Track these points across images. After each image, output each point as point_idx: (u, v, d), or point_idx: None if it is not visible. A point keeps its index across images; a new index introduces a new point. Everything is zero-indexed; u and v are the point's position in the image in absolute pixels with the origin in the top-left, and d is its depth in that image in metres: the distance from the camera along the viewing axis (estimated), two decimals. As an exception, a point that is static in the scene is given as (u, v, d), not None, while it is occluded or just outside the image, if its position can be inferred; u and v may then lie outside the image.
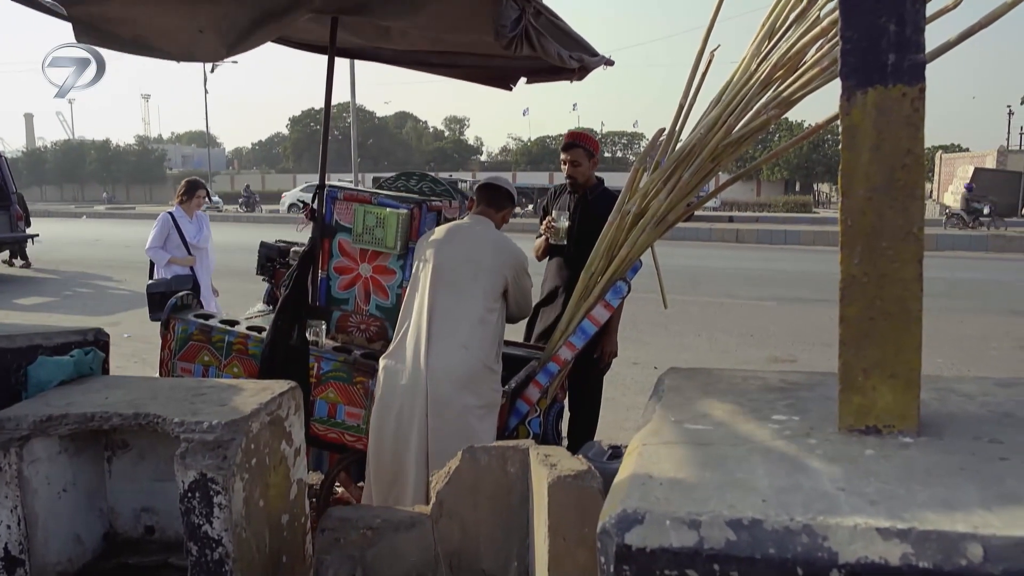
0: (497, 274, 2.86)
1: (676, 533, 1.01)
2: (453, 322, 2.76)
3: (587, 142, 3.76)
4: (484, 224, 3.00)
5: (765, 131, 2.47)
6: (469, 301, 2.79)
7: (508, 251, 2.93)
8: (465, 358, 2.72)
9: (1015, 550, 0.93)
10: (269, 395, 2.03)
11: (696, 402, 1.49)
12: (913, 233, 1.24)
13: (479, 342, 2.75)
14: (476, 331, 2.76)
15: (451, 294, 2.80)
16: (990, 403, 1.46)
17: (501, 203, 3.08)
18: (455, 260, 2.85)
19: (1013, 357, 6.74)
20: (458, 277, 2.83)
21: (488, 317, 2.80)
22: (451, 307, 2.79)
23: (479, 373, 2.73)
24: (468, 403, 2.70)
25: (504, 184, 3.13)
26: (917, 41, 1.23)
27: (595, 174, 3.83)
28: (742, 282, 11.88)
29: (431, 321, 2.76)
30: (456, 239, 2.91)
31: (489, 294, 2.83)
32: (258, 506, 1.93)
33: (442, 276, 2.82)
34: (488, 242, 2.91)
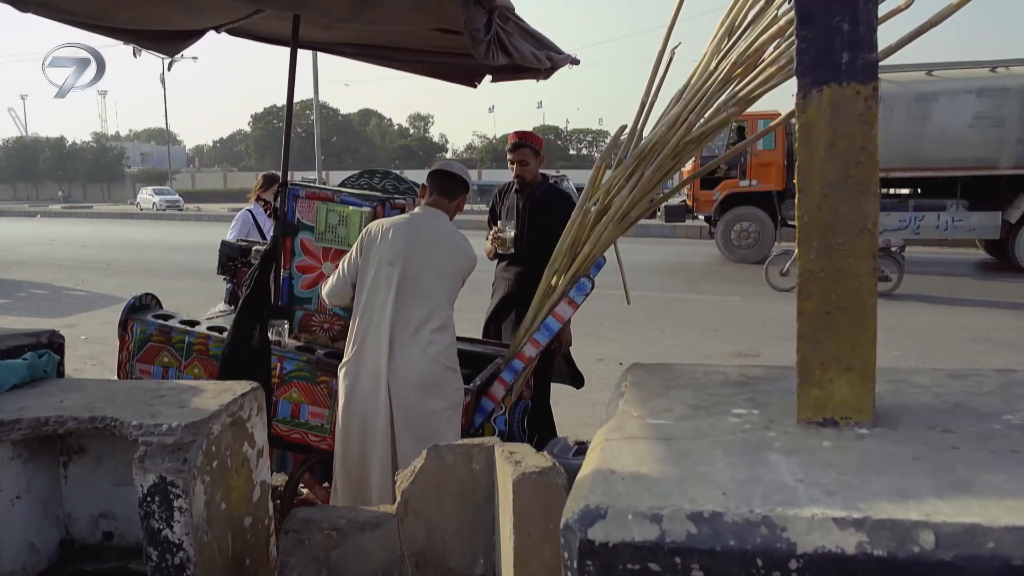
0: (457, 278, 2.84)
1: (638, 527, 1.02)
2: (416, 327, 2.72)
3: (533, 141, 3.86)
4: (441, 219, 2.91)
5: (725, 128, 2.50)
6: (432, 306, 2.75)
7: (468, 255, 2.88)
8: (429, 363, 2.69)
9: (965, 536, 0.96)
10: (231, 396, 2.01)
11: (658, 397, 1.50)
12: (867, 228, 1.27)
13: (441, 346, 2.73)
14: (437, 335, 2.73)
15: (415, 300, 2.75)
16: (943, 394, 1.49)
17: (455, 191, 2.97)
18: (418, 265, 2.77)
19: (966, 349, 6.92)
20: (422, 282, 2.77)
21: (448, 320, 2.78)
22: (414, 312, 2.74)
23: (442, 376, 2.72)
24: (434, 407, 2.69)
25: (457, 170, 3.02)
26: (870, 41, 1.26)
27: (540, 171, 3.91)
28: (706, 277, 12.02)
29: (394, 327, 2.71)
30: (419, 240, 2.80)
31: (450, 298, 2.81)
32: (220, 509, 1.90)
33: (404, 282, 2.74)
34: (450, 245, 2.85)
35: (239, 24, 3.56)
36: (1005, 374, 1.61)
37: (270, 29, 3.74)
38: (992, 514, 0.98)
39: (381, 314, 2.74)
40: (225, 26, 3.58)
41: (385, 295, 2.75)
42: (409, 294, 2.74)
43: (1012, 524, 0.96)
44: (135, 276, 11.61)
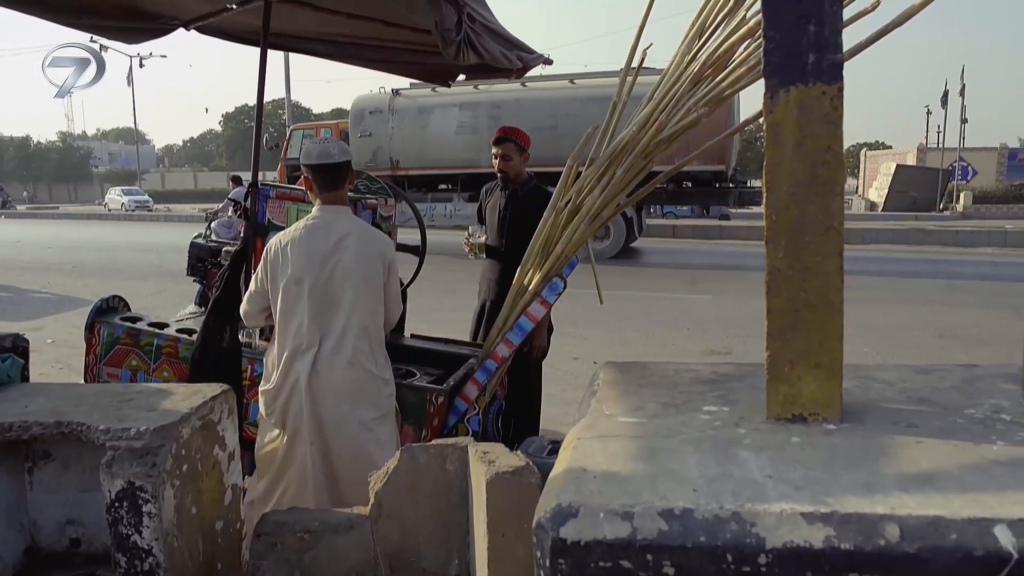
0: (368, 277, 2.66)
1: (610, 525, 1.03)
2: (336, 339, 2.60)
3: (518, 136, 3.77)
4: (339, 216, 2.70)
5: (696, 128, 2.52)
6: (347, 314, 2.61)
7: (376, 250, 2.69)
8: (354, 374, 2.60)
9: (928, 528, 0.98)
10: (200, 399, 1.98)
11: (630, 396, 1.51)
12: (834, 227, 1.28)
13: (365, 354, 2.62)
14: (360, 344, 2.62)
15: (329, 311, 2.61)
16: (908, 389, 1.52)
17: (341, 175, 2.71)
18: (326, 275, 2.61)
19: (933, 345, 7.05)
20: (332, 291, 2.62)
21: (370, 326, 2.66)
22: (331, 324, 2.61)
23: (369, 385, 2.62)
24: (364, 417, 2.60)
25: (339, 155, 2.70)
26: (835, 42, 1.28)
27: (526, 169, 3.85)
28: (679, 277, 12.12)
29: (313, 343, 2.60)
30: (318, 249, 2.62)
31: (367, 301, 2.65)
32: (190, 513, 1.88)
33: (315, 296, 2.61)
34: (353, 243, 2.65)
35: (209, 22, 3.52)
36: (968, 369, 1.64)
37: (240, 27, 3.71)
38: (955, 506, 1.00)
39: (298, 333, 2.61)
40: (194, 23, 3.54)
41: (300, 314, 2.62)
42: (322, 307, 2.61)
43: (974, 516, 0.98)
44: (103, 278, 11.42)
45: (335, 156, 2.67)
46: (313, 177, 2.69)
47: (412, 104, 15.49)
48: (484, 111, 14.92)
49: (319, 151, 2.68)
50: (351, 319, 2.61)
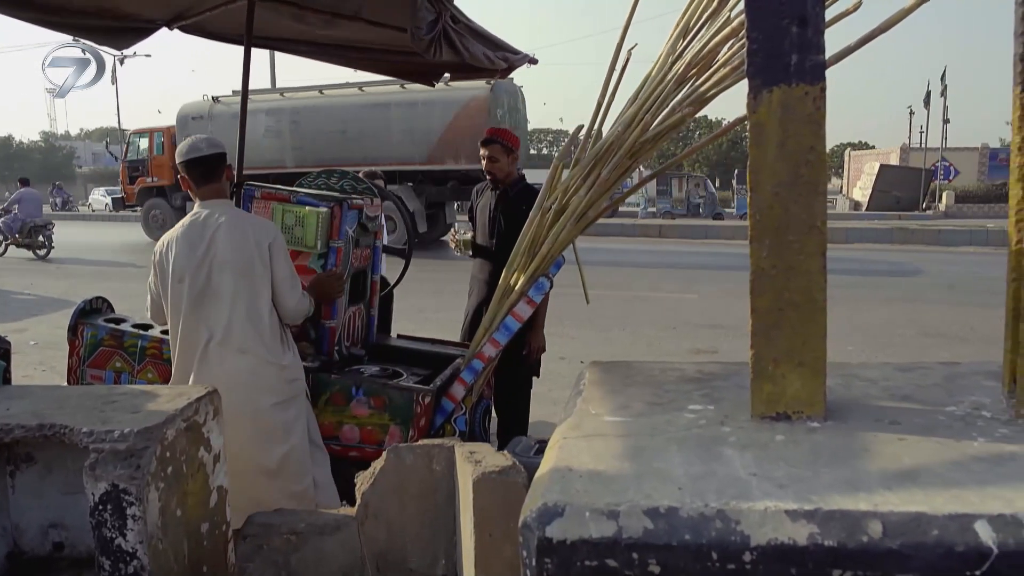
0: (244, 262, 2.62)
1: (595, 524, 1.03)
2: (223, 332, 2.61)
3: (505, 137, 3.76)
4: (215, 210, 2.68)
5: (681, 128, 2.53)
6: (230, 303, 2.61)
7: (251, 236, 2.64)
8: (246, 362, 2.60)
9: (911, 525, 0.99)
10: (185, 400, 1.97)
11: (616, 395, 1.52)
12: (817, 227, 1.29)
13: (254, 340, 2.62)
14: (247, 330, 2.61)
15: (210, 304, 2.62)
16: (891, 387, 1.53)
17: (220, 169, 2.72)
18: (205, 271, 2.61)
19: (916, 343, 7.12)
20: (213, 286, 2.62)
21: (259, 311, 2.64)
22: (217, 319, 2.61)
23: (264, 371, 2.63)
24: (261, 403, 2.60)
25: (208, 149, 2.69)
26: (818, 43, 1.28)
27: (517, 170, 3.84)
28: (666, 276, 12.15)
29: (202, 338, 2.61)
30: (196, 246, 2.63)
31: (248, 287, 2.63)
32: (175, 516, 1.86)
33: (194, 290, 2.61)
34: (232, 235, 2.62)
35: (192, 21, 3.50)
36: (949, 366, 1.66)
37: (224, 26, 3.69)
38: (936, 503, 1.01)
39: (186, 331, 2.63)
40: (177, 23, 3.52)
41: (187, 312, 2.63)
42: (203, 302, 2.62)
43: (955, 512, 0.99)
44: (87, 279, 11.32)
45: (203, 150, 2.69)
46: (186, 173, 2.70)
47: (228, 110, 16.69)
48: (287, 116, 16.41)
49: (188, 147, 2.70)
50: (235, 308, 2.62)
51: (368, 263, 3.37)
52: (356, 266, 3.21)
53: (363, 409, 2.88)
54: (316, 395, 2.94)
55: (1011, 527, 0.96)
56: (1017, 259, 1.27)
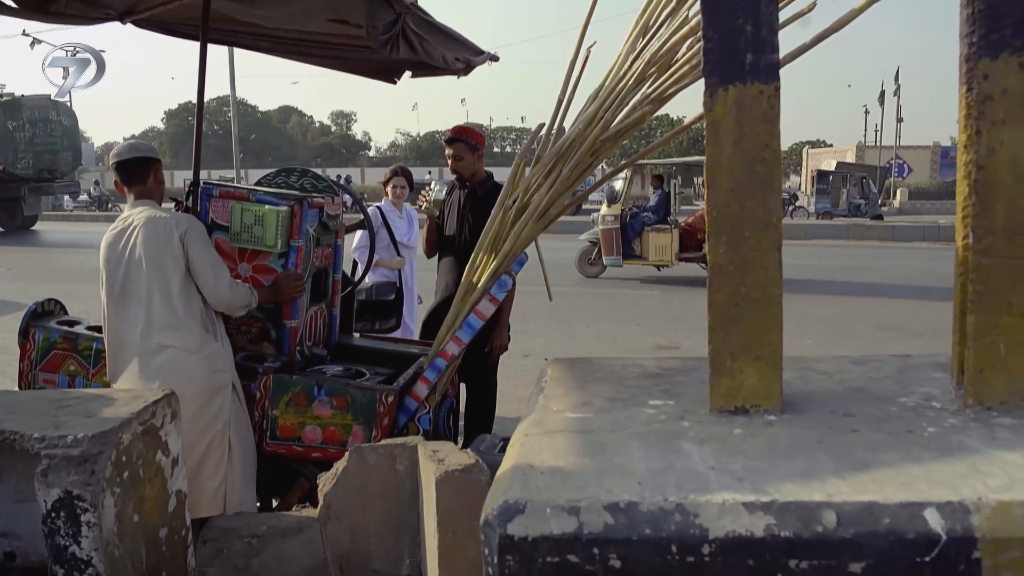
0: (157, 255, 2.67)
1: (556, 520, 1.04)
2: (142, 327, 2.64)
3: (470, 135, 3.75)
4: (136, 210, 2.76)
5: (642, 126, 2.55)
6: (147, 298, 2.65)
7: (162, 231, 2.68)
8: (167, 356, 2.63)
9: (863, 514, 1.01)
10: (142, 404, 1.93)
11: (577, 391, 1.52)
12: (772, 223, 1.32)
13: (172, 332, 2.64)
14: (166, 322, 2.65)
15: (130, 302, 2.67)
16: (845, 380, 1.57)
17: (142, 172, 2.82)
18: (122, 269, 2.68)
19: (872, 336, 7.28)
20: (128, 283, 2.67)
21: (172, 306, 2.66)
22: (135, 314, 2.66)
23: (185, 363, 2.64)
24: (184, 393, 2.52)
25: (128, 154, 2.83)
26: (772, 42, 1.31)
27: (484, 168, 3.84)
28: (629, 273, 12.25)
29: (124, 337, 2.66)
30: (116, 244, 2.71)
31: (164, 280, 2.66)
32: (132, 521, 1.83)
33: (116, 290, 2.68)
34: (138, 228, 2.69)
35: (146, 15, 3.42)
36: (902, 359, 1.70)
37: (179, 20, 3.62)
38: (888, 491, 1.03)
39: (114, 329, 2.70)
40: (130, 17, 3.43)
41: (111, 312, 2.70)
42: (128, 302, 2.67)
43: (906, 500, 1.01)
44: (39, 281, 11.01)
45: (123, 154, 2.84)
46: (115, 176, 2.85)
47: None
48: None
49: (114, 151, 2.86)
50: (151, 304, 2.66)
51: (329, 262, 3.34)
52: (317, 265, 3.17)
53: (326, 409, 2.84)
54: (278, 396, 2.90)
55: (958, 514, 0.99)
56: (964, 254, 1.31)
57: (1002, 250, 1.26)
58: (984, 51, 1.24)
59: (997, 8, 1.23)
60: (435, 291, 3.90)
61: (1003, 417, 1.27)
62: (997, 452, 1.14)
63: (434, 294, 3.93)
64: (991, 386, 1.30)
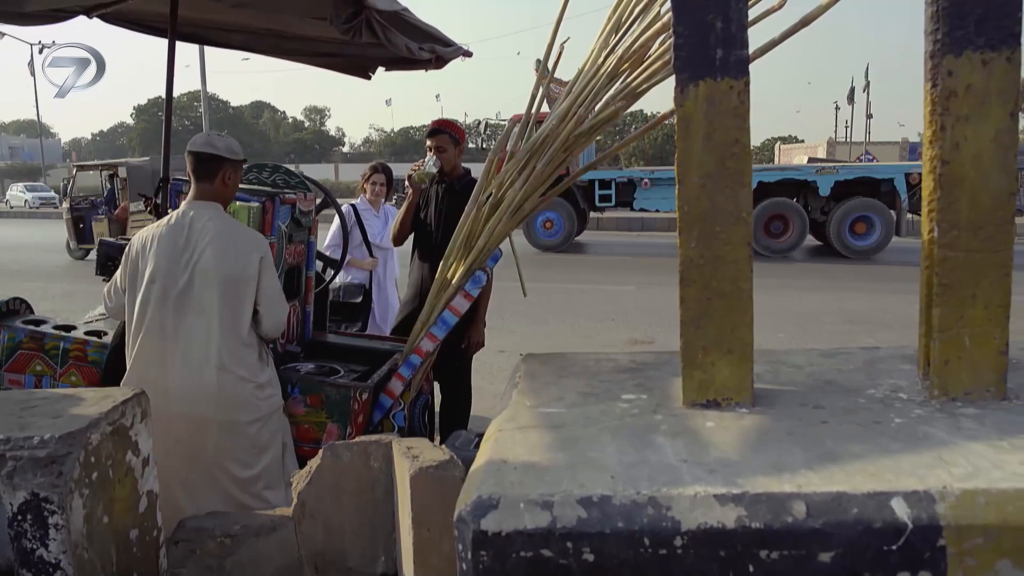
0: (231, 277, 2.53)
1: (530, 515, 1.04)
2: (201, 344, 2.50)
3: (452, 129, 3.74)
4: (204, 213, 2.59)
5: (616, 121, 2.56)
6: (212, 317, 2.51)
7: (241, 247, 2.57)
8: (225, 379, 2.51)
9: (832, 504, 1.02)
10: (111, 403, 1.90)
11: (551, 386, 1.53)
12: (742, 217, 1.33)
13: (235, 358, 2.53)
14: (230, 346, 2.52)
15: (190, 314, 2.51)
16: (816, 372, 1.59)
17: (209, 170, 2.62)
18: (186, 277, 2.51)
19: (843, 330, 7.38)
20: (192, 294, 2.51)
21: (239, 330, 2.55)
22: (194, 328, 2.51)
23: (243, 390, 2.54)
24: (239, 420, 2.53)
25: (202, 147, 2.62)
26: (741, 38, 1.32)
27: (462, 164, 3.83)
28: (604, 268, 12.30)
29: (179, 346, 2.51)
30: (181, 249, 2.53)
31: (233, 302, 2.54)
32: (102, 523, 1.80)
33: (173, 297, 2.51)
34: (212, 241, 2.53)
35: (112, 9, 3.36)
36: (870, 351, 1.72)
37: (148, 16, 3.56)
38: (856, 481, 1.05)
39: (157, 335, 2.52)
40: (96, 11, 3.37)
41: (158, 315, 2.52)
42: (182, 310, 2.52)
43: (873, 490, 1.03)
44: (5, 279, 10.80)
45: (197, 144, 2.63)
46: (187, 162, 2.65)
47: None
48: None
49: (191, 140, 2.66)
50: (216, 323, 2.51)
51: (302, 259, 3.31)
52: (290, 262, 3.14)
53: (299, 407, 2.83)
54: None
55: (924, 503, 1.00)
56: (930, 248, 1.33)
57: (966, 243, 1.28)
58: (948, 48, 1.26)
59: (961, 6, 1.25)
60: (407, 286, 3.89)
61: (967, 407, 1.30)
62: (961, 442, 1.16)
63: (407, 289, 3.91)
64: (956, 377, 1.33)
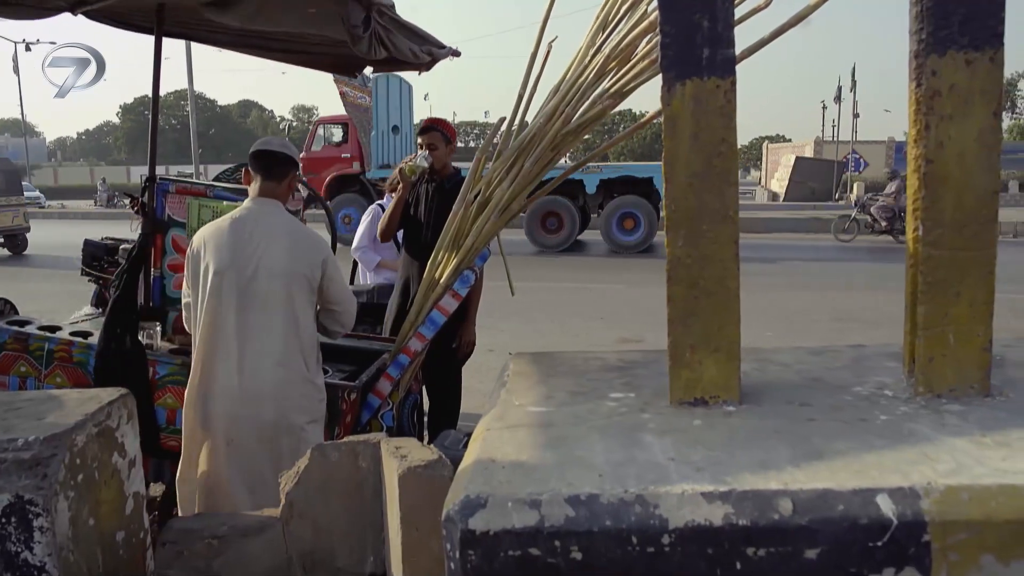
0: (298, 276, 2.56)
1: (518, 514, 1.04)
2: (263, 339, 2.52)
3: (444, 127, 3.75)
4: (269, 210, 2.62)
5: (604, 120, 2.57)
6: (275, 313, 2.53)
7: (307, 248, 2.62)
8: (285, 375, 2.53)
9: (818, 501, 1.03)
10: (96, 404, 1.88)
11: (539, 385, 1.53)
12: (729, 216, 1.33)
13: (296, 355, 2.55)
14: (291, 343, 2.54)
15: (254, 308, 2.52)
16: (803, 370, 1.60)
17: (282, 171, 2.67)
18: (248, 269, 2.52)
19: (830, 328, 7.44)
20: (257, 288, 2.52)
21: (301, 325, 2.57)
22: (257, 323, 2.52)
23: (302, 388, 2.57)
24: (298, 420, 2.54)
25: (279, 147, 2.71)
26: (728, 37, 1.32)
27: (453, 163, 3.84)
28: (594, 267, 12.32)
29: (239, 342, 2.51)
30: (246, 243, 2.55)
31: (296, 300, 2.56)
32: (88, 525, 1.79)
33: (239, 290, 2.52)
34: (281, 239, 2.57)
35: (98, 6, 3.34)
36: (857, 349, 1.73)
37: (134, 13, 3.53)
38: (841, 478, 1.06)
39: (222, 329, 2.52)
40: (82, 8, 3.34)
41: (222, 309, 2.53)
42: (247, 305, 2.52)
43: (859, 487, 1.04)
44: (-10, 280, 10.71)
45: (272, 144, 2.70)
46: (251, 163, 2.68)
47: None
48: None
49: (264, 140, 2.73)
50: (280, 319, 2.53)
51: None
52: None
53: (288, 408, 2.82)
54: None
55: (908, 499, 1.01)
56: (914, 246, 1.34)
57: (950, 242, 1.29)
58: (932, 48, 1.27)
59: (945, 6, 1.26)
60: (396, 285, 3.88)
61: (951, 404, 1.31)
62: (946, 438, 1.17)
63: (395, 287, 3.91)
64: (940, 374, 1.33)
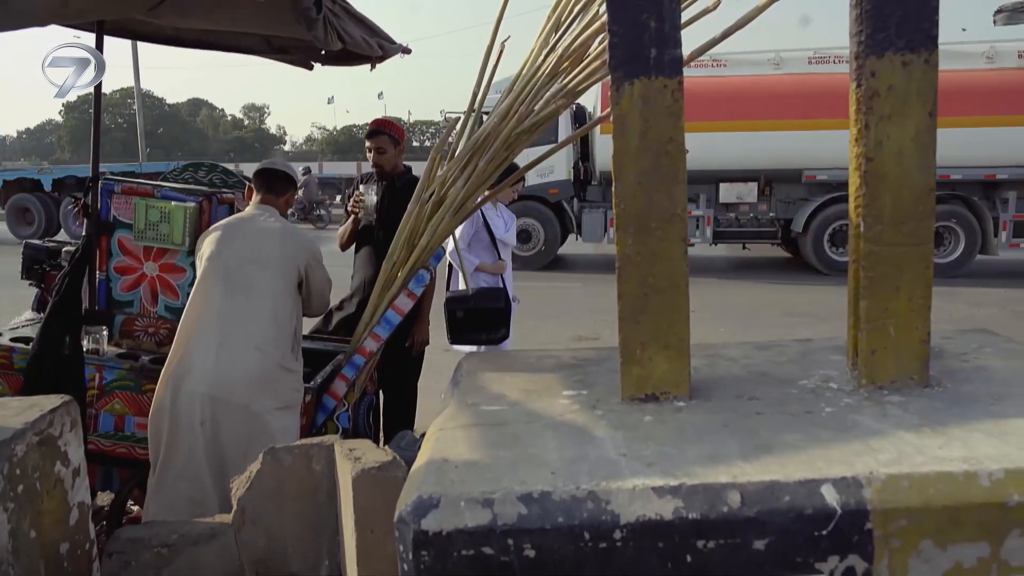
0: (288, 267, 2.71)
1: (471, 513, 1.04)
2: (244, 323, 2.61)
3: (392, 129, 3.78)
4: (268, 212, 2.84)
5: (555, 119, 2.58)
6: (260, 300, 2.64)
7: (297, 241, 2.80)
8: (260, 360, 2.59)
9: (766, 493, 1.05)
10: (37, 412, 1.82)
11: (492, 384, 1.53)
12: (677, 214, 1.35)
13: (273, 342, 2.63)
14: (270, 331, 2.63)
15: (240, 294, 2.63)
16: (751, 365, 1.63)
17: (282, 188, 2.94)
18: (240, 257, 2.67)
19: (781, 322, 7.60)
20: (245, 275, 2.65)
21: (281, 314, 2.68)
22: (241, 308, 2.62)
23: (275, 374, 2.61)
24: (265, 405, 2.58)
25: (282, 167, 3.02)
26: (675, 37, 1.34)
27: (403, 162, 3.84)
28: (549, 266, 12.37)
29: (220, 324, 2.59)
30: (239, 234, 2.73)
31: (281, 290, 2.69)
32: (29, 537, 1.73)
33: (229, 276, 2.64)
34: (275, 234, 2.75)
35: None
36: (803, 343, 1.77)
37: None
38: (788, 470, 1.08)
39: (207, 312, 2.61)
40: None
41: (209, 290, 2.63)
42: (233, 289, 2.63)
43: (804, 478, 1.06)
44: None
45: (278, 167, 3.02)
46: (255, 180, 2.93)
47: None
48: None
49: (269, 160, 3.09)
50: (262, 305, 2.63)
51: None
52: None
53: (240, 411, 2.77)
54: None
55: (852, 488, 1.04)
56: (856, 242, 1.37)
57: (890, 238, 1.33)
58: (871, 50, 1.30)
59: (882, 8, 1.30)
60: (350, 286, 3.86)
61: (893, 395, 1.35)
62: (888, 428, 1.21)
63: (348, 285, 3.88)
64: (882, 366, 1.37)
